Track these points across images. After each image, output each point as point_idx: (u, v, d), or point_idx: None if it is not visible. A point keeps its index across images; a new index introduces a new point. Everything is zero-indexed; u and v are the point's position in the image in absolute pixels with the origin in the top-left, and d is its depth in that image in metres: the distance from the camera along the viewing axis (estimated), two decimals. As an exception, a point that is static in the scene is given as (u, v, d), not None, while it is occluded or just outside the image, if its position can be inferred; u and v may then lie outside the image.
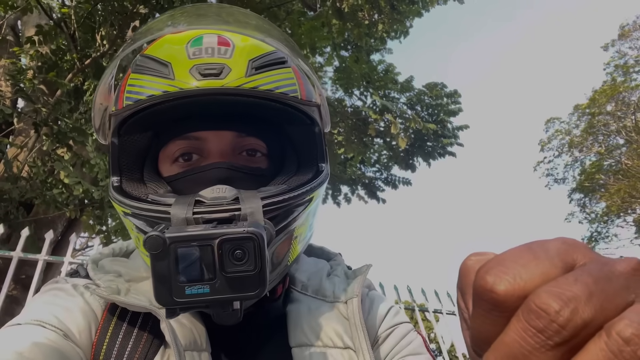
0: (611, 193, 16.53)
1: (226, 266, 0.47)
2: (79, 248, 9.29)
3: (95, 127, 0.77)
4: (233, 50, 0.65)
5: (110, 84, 0.74)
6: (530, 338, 0.21)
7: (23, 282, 3.84)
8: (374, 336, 0.72)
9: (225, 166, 0.64)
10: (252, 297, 0.48)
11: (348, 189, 8.67)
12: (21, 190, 3.58)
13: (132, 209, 0.62)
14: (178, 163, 0.68)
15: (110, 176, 0.70)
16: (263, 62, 0.65)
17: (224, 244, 0.47)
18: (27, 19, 4.98)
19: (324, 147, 0.71)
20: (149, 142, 0.70)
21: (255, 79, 0.63)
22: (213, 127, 0.67)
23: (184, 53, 0.64)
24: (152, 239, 0.46)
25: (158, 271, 0.47)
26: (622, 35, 17.61)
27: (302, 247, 0.71)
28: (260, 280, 0.48)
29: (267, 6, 5.40)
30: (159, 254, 0.46)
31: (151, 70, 0.65)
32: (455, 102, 7.74)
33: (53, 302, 0.63)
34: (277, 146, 0.71)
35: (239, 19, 0.73)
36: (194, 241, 0.47)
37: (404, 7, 7.10)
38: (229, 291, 0.47)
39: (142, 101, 0.63)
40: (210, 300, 0.47)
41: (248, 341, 0.67)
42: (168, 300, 0.47)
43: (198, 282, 0.47)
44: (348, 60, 7.29)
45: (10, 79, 3.83)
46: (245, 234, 0.47)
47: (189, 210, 0.56)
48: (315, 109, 0.71)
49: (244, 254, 0.47)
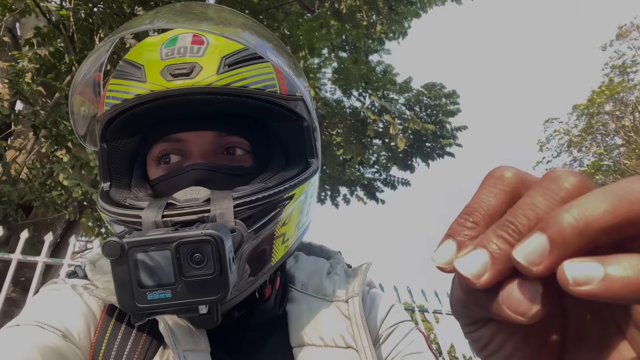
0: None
1: (185, 270, 0.46)
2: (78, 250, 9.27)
3: (80, 135, 0.76)
4: (206, 48, 0.64)
5: (92, 88, 0.74)
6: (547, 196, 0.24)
7: (22, 285, 3.83)
8: (375, 335, 0.71)
9: (202, 167, 0.63)
10: (214, 301, 0.47)
11: (347, 190, 8.67)
12: (20, 192, 3.57)
13: (110, 214, 0.62)
14: (161, 166, 0.67)
15: (101, 182, 0.70)
16: (237, 58, 0.65)
17: (181, 247, 0.46)
18: (25, 21, 4.98)
19: (312, 142, 0.70)
20: (136, 147, 0.70)
21: (227, 76, 0.63)
22: (193, 128, 0.66)
23: (157, 54, 0.64)
24: (109, 245, 0.46)
25: (118, 277, 0.46)
26: (620, 36, 17.64)
27: (290, 247, 0.69)
28: (222, 283, 0.47)
29: (266, 7, 5.40)
30: (117, 260, 0.46)
31: (127, 74, 0.65)
32: (453, 103, 7.73)
33: (52, 303, 0.62)
34: (262, 143, 0.70)
35: (225, 17, 0.72)
36: (152, 245, 0.46)
37: (402, 7, 7.11)
38: (190, 295, 0.46)
39: (117, 106, 0.64)
40: (173, 305, 0.47)
41: (248, 341, 0.67)
42: (130, 305, 0.46)
43: (159, 287, 0.46)
44: (346, 61, 7.28)
45: (9, 82, 3.83)
46: (202, 237, 0.46)
47: (158, 214, 0.56)
48: (300, 103, 0.69)
49: (203, 257, 0.46)
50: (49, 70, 3.90)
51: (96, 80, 0.77)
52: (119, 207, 0.62)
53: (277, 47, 0.71)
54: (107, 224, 0.66)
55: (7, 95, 4.40)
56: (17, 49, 4.88)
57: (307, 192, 0.69)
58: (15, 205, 3.78)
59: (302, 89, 0.71)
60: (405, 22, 7.57)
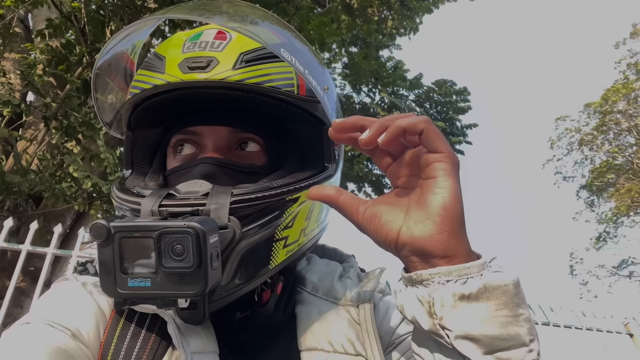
0: (622, 192, 16.35)
1: (165, 261, 0.46)
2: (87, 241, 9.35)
3: (105, 122, 0.77)
4: (227, 43, 0.64)
5: (123, 75, 0.76)
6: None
7: (32, 275, 3.87)
8: (387, 342, 0.70)
9: (211, 162, 0.63)
10: (191, 296, 0.47)
11: (355, 186, 8.65)
12: (30, 183, 3.60)
13: (115, 200, 0.63)
14: (178, 157, 0.68)
15: (124, 169, 0.71)
16: (256, 55, 0.64)
17: (162, 237, 0.46)
18: (37, 13, 5.00)
19: (331, 145, 0.69)
20: (160, 138, 0.72)
21: (242, 72, 0.62)
22: (209, 122, 0.66)
23: (180, 47, 0.65)
24: (96, 227, 0.46)
25: (103, 260, 0.46)
26: (635, 34, 17.36)
27: (294, 252, 0.66)
28: (201, 277, 0.46)
29: (276, 1, 5.38)
30: (103, 243, 0.46)
31: (150, 65, 0.66)
32: (464, 100, 7.67)
33: (62, 301, 0.62)
34: (278, 143, 0.69)
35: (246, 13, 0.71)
36: (136, 232, 0.46)
37: (414, 3, 7.04)
38: (168, 287, 0.46)
39: (136, 95, 0.66)
40: (151, 295, 0.46)
41: (256, 343, 0.66)
42: (111, 290, 0.46)
43: (140, 275, 0.46)
44: (357, 56, 7.25)
45: (20, 74, 3.86)
46: (183, 228, 0.46)
47: (156, 203, 0.56)
48: (319, 105, 0.67)
49: (184, 249, 0.46)
50: (60, 61, 3.92)
51: (128, 68, 0.79)
52: (125, 193, 0.63)
53: (311, 50, 0.71)
54: (116, 209, 0.67)
55: (18, 86, 4.43)
56: (29, 40, 4.91)
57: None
58: (25, 196, 3.82)
59: (324, 90, 0.70)
60: (416, 17, 7.50)
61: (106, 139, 4.02)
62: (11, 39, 4.48)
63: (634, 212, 17.02)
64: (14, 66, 4.75)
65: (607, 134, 17.57)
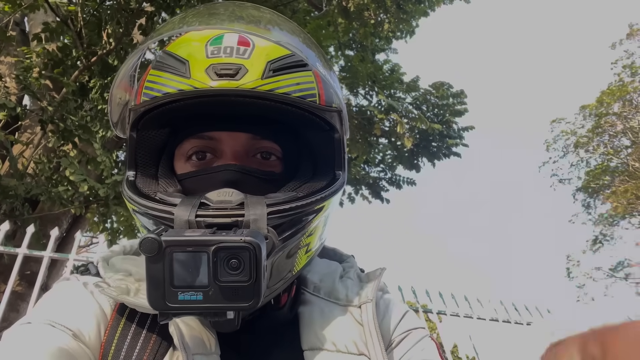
0: (617, 194, 16.41)
1: (220, 275, 0.46)
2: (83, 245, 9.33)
3: (113, 121, 0.76)
4: (252, 50, 0.64)
5: (129, 78, 0.74)
6: None
7: (28, 278, 3.85)
8: (388, 340, 0.70)
9: (235, 169, 0.63)
10: (245, 309, 0.47)
11: (352, 189, 8.65)
12: (27, 186, 3.59)
13: (139, 207, 0.61)
14: (191, 162, 0.67)
15: (127, 170, 0.70)
16: (282, 64, 0.64)
17: (219, 252, 0.46)
18: (34, 16, 4.99)
19: (342, 154, 0.69)
20: (166, 139, 0.70)
21: (272, 82, 0.62)
22: (228, 128, 0.66)
23: (202, 52, 0.64)
24: (147, 241, 0.45)
25: (152, 274, 0.46)
26: (631, 35, 17.44)
27: (311, 257, 0.69)
28: (255, 291, 0.46)
29: (273, 5, 5.39)
30: (154, 257, 0.46)
31: (170, 68, 0.64)
32: (461, 103, 7.69)
33: (63, 301, 0.63)
34: (293, 151, 0.70)
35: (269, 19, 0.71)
36: (190, 246, 0.46)
37: (410, 6, 7.07)
38: (221, 300, 0.46)
39: (157, 98, 0.64)
40: (202, 308, 0.46)
41: (259, 344, 0.66)
42: (161, 304, 0.46)
43: (191, 288, 0.46)
44: (353, 59, 7.26)
45: (16, 77, 3.85)
46: (241, 243, 0.46)
47: (192, 213, 0.55)
48: (335, 115, 0.69)
49: (240, 263, 0.46)
50: (56, 65, 3.91)
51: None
52: (150, 200, 0.61)
53: (320, 55, 0.70)
54: (132, 214, 0.66)
55: (14, 90, 4.42)
56: (25, 44, 4.90)
57: (333, 205, 0.68)
58: (21, 200, 3.80)
59: (340, 100, 0.70)
60: (413, 20, 7.53)
61: (103, 142, 4.01)
62: (7, 43, 4.48)
63: (630, 214, 17.08)
64: (10, 69, 4.74)
65: (602, 136, 17.64)
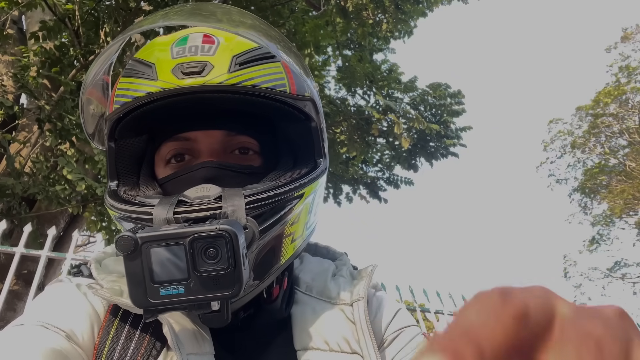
0: (614, 194, 16.46)
1: (199, 265, 0.46)
2: (80, 244, 9.31)
3: (89, 132, 0.76)
4: (217, 47, 0.64)
5: (100, 88, 0.74)
6: None
7: (25, 278, 3.84)
8: (380, 339, 0.70)
9: (213, 165, 0.63)
10: (228, 297, 0.47)
11: (350, 189, 8.65)
12: (24, 185, 3.58)
13: (119, 212, 0.62)
14: (170, 165, 0.68)
15: (108, 181, 0.70)
16: (248, 57, 0.65)
17: (195, 242, 0.46)
18: (31, 15, 4.98)
19: (321, 142, 0.70)
20: (144, 146, 0.70)
21: (238, 75, 0.63)
22: (202, 127, 0.66)
23: (168, 53, 0.64)
24: (123, 239, 0.45)
25: (131, 272, 0.46)
26: (625, 38, 17.54)
27: (298, 246, 0.69)
28: (236, 278, 0.46)
29: (271, 4, 5.39)
30: (131, 255, 0.46)
31: (138, 73, 0.65)
32: (458, 103, 7.71)
33: (56, 303, 0.62)
34: (270, 143, 0.70)
35: (234, 18, 0.72)
36: (166, 240, 0.46)
37: (409, 6, 7.08)
38: (203, 291, 0.46)
39: (127, 104, 0.64)
40: (186, 301, 0.46)
41: (252, 343, 0.66)
42: (143, 301, 0.46)
43: (172, 282, 0.46)
44: (351, 59, 7.26)
45: (13, 76, 3.84)
46: (216, 232, 0.46)
47: (169, 210, 0.55)
48: (309, 104, 0.69)
49: (217, 252, 0.46)
50: (54, 63, 3.90)
51: (104, 80, 0.77)
52: (129, 204, 0.62)
53: (285, 47, 0.70)
54: (116, 221, 0.66)
55: (12, 88, 4.41)
56: (22, 42, 4.89)
57: (315, 192, 0.69)
58: (19, 199, 3.79)
59: (311, 90, 0.71)
60: (411, 21, 7.54)
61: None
62: (4, 41, 4.46)
63: (627, 214, 17.14)
64: (7, 68, 4.73)
65: (599, 136, 17.70)
